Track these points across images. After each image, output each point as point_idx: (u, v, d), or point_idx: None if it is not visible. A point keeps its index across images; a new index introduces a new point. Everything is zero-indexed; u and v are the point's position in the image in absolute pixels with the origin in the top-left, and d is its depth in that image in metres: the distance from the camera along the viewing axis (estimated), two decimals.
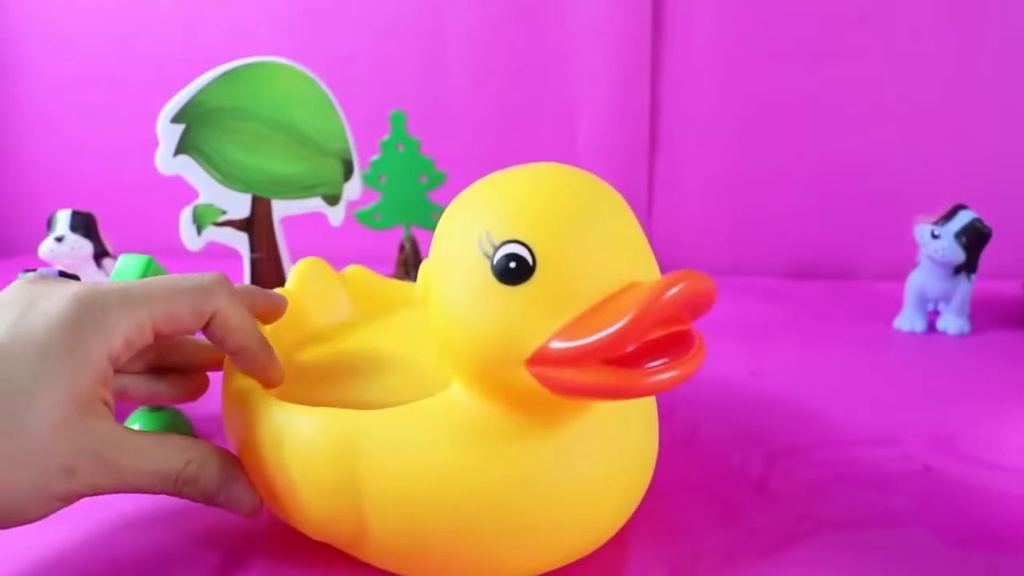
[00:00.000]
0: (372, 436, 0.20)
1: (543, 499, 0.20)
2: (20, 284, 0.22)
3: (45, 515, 0.20)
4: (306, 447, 0.21)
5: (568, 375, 0.18)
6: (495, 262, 0.19)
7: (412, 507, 0.20)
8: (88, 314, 0.20)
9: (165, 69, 0.67)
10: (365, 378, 0.26)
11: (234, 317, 0.23)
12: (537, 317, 0.18)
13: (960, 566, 0.24)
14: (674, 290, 0.17)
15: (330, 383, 0.26)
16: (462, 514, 0.20)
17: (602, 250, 0.19)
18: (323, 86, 0.49)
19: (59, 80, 0.86)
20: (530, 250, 0.18)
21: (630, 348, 0.17)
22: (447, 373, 0.22)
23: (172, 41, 0.82)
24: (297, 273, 0.32)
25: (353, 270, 0.35)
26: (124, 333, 0.21)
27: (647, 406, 0.24)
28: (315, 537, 0.23)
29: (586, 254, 0.19)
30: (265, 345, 0.24)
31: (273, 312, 0.27)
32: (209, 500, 0.23)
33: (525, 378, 0.19)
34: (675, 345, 0.18)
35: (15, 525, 0.20)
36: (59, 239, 0.47)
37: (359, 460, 0.20)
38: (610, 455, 0.22)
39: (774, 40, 0.72)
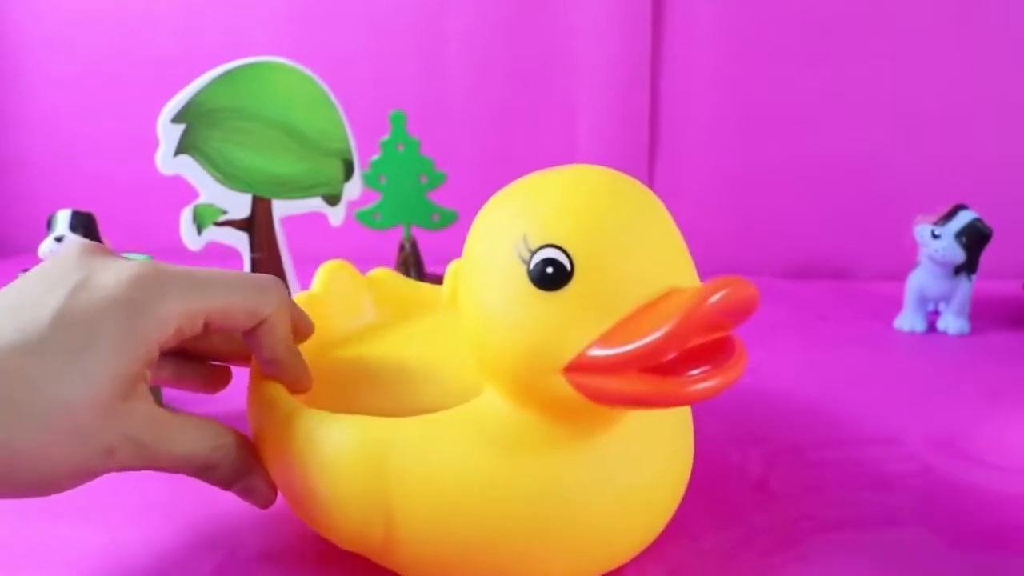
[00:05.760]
0: (402, 444, 0.20)
1: (576, 509, 0.20)
2: (75, 250, 0.21)
3: (72, 487, 0.20)
4: (336, 455, 0.20)
5: (606, 383, 0.17)
6: (532, 267, 0.18)
7: (441, 516, 0.20)
8: (146, 298, 0.20)
9: (165, 69, 0.67)
10: (393, 384, 0.25)
11: (281, 327, 0.23)
12: (575, 324, 0.18)
13: (960, 566, 0.24)
14: (716, 297, 0.16)
15: (357, 389, 0.25)
16: (492, 523, 0.20)
17: (641, 255, 0.18)
18: (323, 86, 0.49)
19: (59, 80, 0.86)
20: (568, 255, 0.18)
21: (670, 356, 0.17)
22: (478, 379, 0.21)
23: (172, 41, 0.82)
24: (322, 276, 0.31)
25: (379, 273, 0.34)
26: (178, 322, 0.21)
27: (682, 414, 0.24)
28: (342, 546, 0.22)
29: (624, 259, 0.18)
30: (299, 356, 0.24)
31: (301, 335, 0.26)
32: (226, 487, 0.23)
33: (562, 386, 0.18)
34: (715, 351, 0.18)
35: (43, 495, 0.20)
36: (59, 239, 0.47)
37: (389, 468, 0.20)
38: (644, 465, 0.21)
39: (774, 40, 0.72)
